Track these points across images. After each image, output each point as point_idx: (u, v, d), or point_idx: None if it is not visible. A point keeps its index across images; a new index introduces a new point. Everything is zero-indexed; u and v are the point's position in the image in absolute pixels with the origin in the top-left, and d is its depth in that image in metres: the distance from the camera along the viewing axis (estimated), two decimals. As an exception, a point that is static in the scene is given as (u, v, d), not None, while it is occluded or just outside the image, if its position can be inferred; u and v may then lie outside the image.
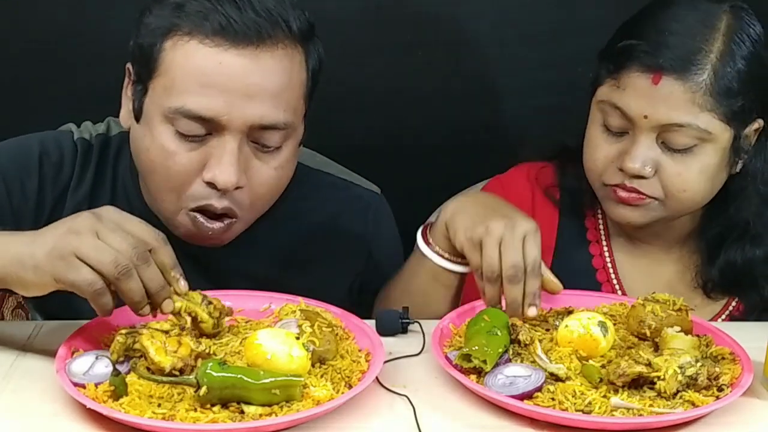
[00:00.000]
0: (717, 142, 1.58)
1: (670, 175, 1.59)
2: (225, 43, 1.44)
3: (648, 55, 1.56)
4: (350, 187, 1.76)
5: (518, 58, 2.17)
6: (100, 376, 1.28)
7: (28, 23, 2.08)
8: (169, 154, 1.47)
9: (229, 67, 1.44)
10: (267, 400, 1.23)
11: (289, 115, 1.49)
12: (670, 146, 1.58)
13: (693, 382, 1.31)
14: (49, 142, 1.61)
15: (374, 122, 2.18)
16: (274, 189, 1.55)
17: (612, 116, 1.60)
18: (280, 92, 1.47)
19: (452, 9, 2.14)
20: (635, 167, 1.58)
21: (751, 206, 1.67)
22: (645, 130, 1.57)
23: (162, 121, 1.47)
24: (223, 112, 1.44)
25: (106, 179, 1.63)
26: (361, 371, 1.33)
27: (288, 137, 1.52)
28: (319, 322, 1.39)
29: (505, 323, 1.42)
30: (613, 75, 1.60)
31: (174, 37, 1.46)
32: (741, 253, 1.67)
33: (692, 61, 1.55)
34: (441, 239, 1.56)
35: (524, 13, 2.17)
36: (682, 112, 1.55)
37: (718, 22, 1.57)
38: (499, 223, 1.46)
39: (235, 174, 1.46)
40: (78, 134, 1.64)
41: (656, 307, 1.46)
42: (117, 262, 1.26)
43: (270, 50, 1.45)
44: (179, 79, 1.45)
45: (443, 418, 1.29)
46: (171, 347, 1.30)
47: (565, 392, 1.30)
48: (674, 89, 1.55)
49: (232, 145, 1.46)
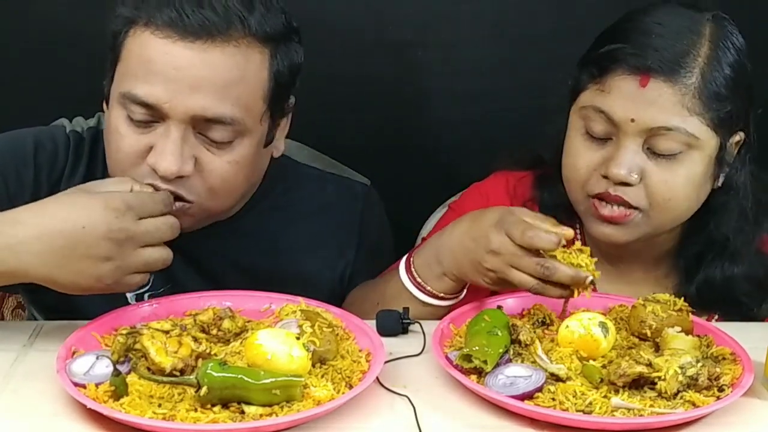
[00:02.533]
0: (703, 149, 1.54)
1: (656, 183, 1.54)
2: (174, 35, 1.47)
3: (635, 56, 1.52)
4: (338, 179, 1.77)
5: (518, 58, 2.17)
6: (101, 376, 1.28)
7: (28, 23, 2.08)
8: (120, 136, 1.51)
9: (175, 58, 1.47)
10: (267, 400, 1.23)
11: (238, 111, 1.50)
12: (656, 152, 1.53)
13: (694, 383, 1.31)
14: (43, 134, 1.65)
15: (374, 122, 2.18)
16: (232, 181, 1.55)
17: (595, 122, 1.55)
18: (228, 87, 1.48)
19: (452, 9, 2.14)
20: (621, 173, 1.53)
21: (731, 222, 1.63)
22: (631, 134, 1.53)
23: (116, 105, 1.52)
24: (165, 100, 1.47)
25: (97, 170, 1.65)
26: (362, 371, 1.33)
27: (239, 134, 1.52)
28: (320, 322, 1.39)
29: (505, 323, 1.42)
30: (597, 79, 1.55)
31: (134, 27, 1.50)
32: (720, 270, 1.63)
33: (680, 63, 1.52)
34: (439, 286, 1.55)
35: (524, 14, 2.17)
36: (671, 115, 1.51)
37: (702, 28, 1.55)
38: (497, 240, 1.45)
39: (175, 162, 1.48)
40: (70, 127, 1.67)
41: (657, 307, 1.46)
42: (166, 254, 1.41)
43: (220, 46, 1.47)
44: (131, 66, 1.50)
45: (444, 419, 1.29)
46: (171, 347, 1.30)
47: (566, 392, 1.30)
48: (663, 91, 1.51)
49: (175, 135, 1.48)
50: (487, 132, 2.20)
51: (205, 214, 1.56)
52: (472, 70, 2.18)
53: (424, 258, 1.57)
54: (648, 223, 1.58)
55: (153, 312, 1.46)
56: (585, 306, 1.53)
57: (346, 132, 2.12)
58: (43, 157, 1.62)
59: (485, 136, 2.20)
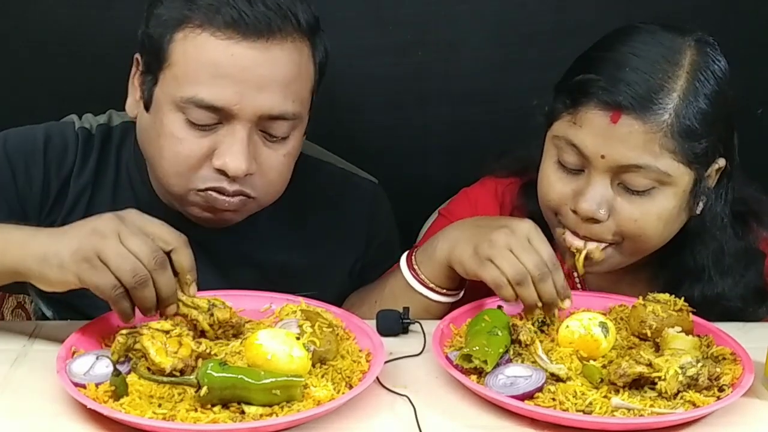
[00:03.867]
0: (677, 185, 1.51)
1: (626, 219, 1.51)
2: (236, 35, 1.47)
3: (606, 91, 1.47)
4: (348, 175, 1.79)
5: (518, 58, 2.17)
6: (101, 377, 1.28)
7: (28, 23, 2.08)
8: (178, 141, 1.51)
9: (241, 59, 1.47)
10: (268, 400, 1.23)
11: (297, 105, 1.53)
12: (627, 187, 1.50)
13: (694, 383, 1.31)
14: (52, 130, 1.65)
15: (374, 122, 2.18)
16: (285, 174, 1.58)
17: (568, 153, 1.52)
18: (289, 83, 1.51)
19: (452, 9, 2.14)
20: (590, 209, 1.49)
21: (708, 252, 1.60)
22: (601, 170, 1.49)
23: (173, 110, 1.50)
24: (234, 102, 1.48)
25: (108, 167, 1.66)
26: (362, 371, 1.33)
27: (295, 127, 1.55)
28: (320, 322, 1.39)
29: (505, 323, 1.42)
30: (570, 110, 1.51)
31: (185, 29, 1.49)
32: (700, 292, 1.59)
33: (653, 100, 1.46)
34: (438, 277, 1.56)
35: (524, 13, 2.16)
36: (641, 153, 1.47)
37: (681, 57, 1.49)
38: (499, 233, 1.46)
39: (245, 162, 1.49)
40: (79, 124, 1.67)
41: (657, 307, 1.46)
42: (135, 272, 1.30)
43: (280, 43, 1.49)
44: (191, 69, 1.49)
45: (444, 419, 1.29)
46: (171, 348, 1.31)
47: (566, 392, 1.30)
48: (633, 129, 1.46)
49: (242, 134, 1.49)
50: (487, 132, 2.19)
51: (259, 207, 1.59)
52: (472, 70, 2.17)
53: (424, 246, 1.58)
54: (621, 254, 1.56)
55: (152, 314, 1.46)
56: (585, 306, 1.53)
57: (345, 132, 2.11)
58: (53, 154, 1.62)
59: (485, 137, 2.20)
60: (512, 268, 1.43)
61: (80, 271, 1.30)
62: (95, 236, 1.31)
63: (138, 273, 1.30)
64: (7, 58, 2.09)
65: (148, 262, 1.30)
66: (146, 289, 1.31)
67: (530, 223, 1.48)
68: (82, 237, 1.32)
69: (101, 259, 1.30)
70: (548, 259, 1.45)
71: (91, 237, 1.31)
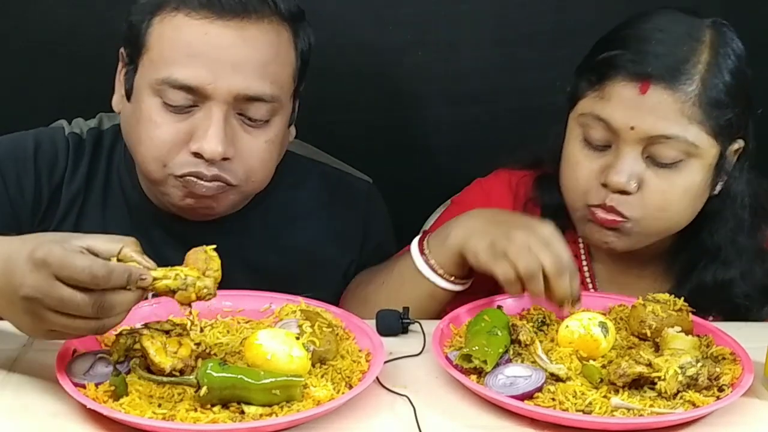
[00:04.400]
0: (703, 158, 1.53)
1: (653, 192, 1.53)
2: (211, 15, 1.47)
3: (635, 63, 1.51)
4: (342, 176, 1.78)
5: (518, 58, 2.17)
6: (101, 376, 1.28)
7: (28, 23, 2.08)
8: (155, 125, 1.50)
9: (215, 38, 1.47)
10: (267, 400, 1.23)
11: (276, 88, 1.52)
12: (656, 160, 1.52)
13: (693, 383, 1.31)
14: (42, 137, 1.64)
15: (374, 122, 2.18)
16: (267, 162, 1.56)
17: (594, 129, 1.54)
18: (266, 64, 1.50)
19: (452, 9, 2.14)
20: (621, 181, 1.52)
21: (726, 230, 1.62)
22: (630, 142, 1.51)
23: (149, 94, 1.50)
24: (209, 81, 1.47)
25: (99, 172, 1.65)
26: (362, 371, 1.33)
27: (275, 112, 1.54)
28: (320, 322, 1.39)
29: (505, 323, 1.42)
30: (596, 86, 1.54)
31: (162, 12, 1.50)
32: (712, 276, 1.63)
33: (681, 70, 1.50)
34: (448, 263, 1.55)
35: (524, 13, 2.17)
36: (671, 123, 1.50)
37: (702, 35, 1.54)
38: (520, 232, 1.46)
39: (221, 144, 1.48)
40: (69, 129, 1.67)
41: (657, 307, 1.46)
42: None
43: (256, 23, 1.49)
44: (166, 51, 1.49)
45: (443, 419, 1.29)
46: (171, 348, 1.30)
47: (566, 392, 1.30)
48: (663, 99, 1.49)
49: (218, 116, 1.48)
50: (487, 132, 2.20)
51: (242, 197, 1.57)
52: (472, 70, 2.18)
53: (438, 236, 1.57)
54: (640, 232, 1.57)
55: (153, 312, 1.46)
56: (585, 306, 1.53)
57: (345, 132, 2.11)
58: (43, 161, 1.62)
59: (485, 137, 2.20)
60: (526, 263, 1.44)
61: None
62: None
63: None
64: (7, 58, 2.09)
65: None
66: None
67: (552, 226, 1.49)
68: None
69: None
70: (567, 261, 1.45)
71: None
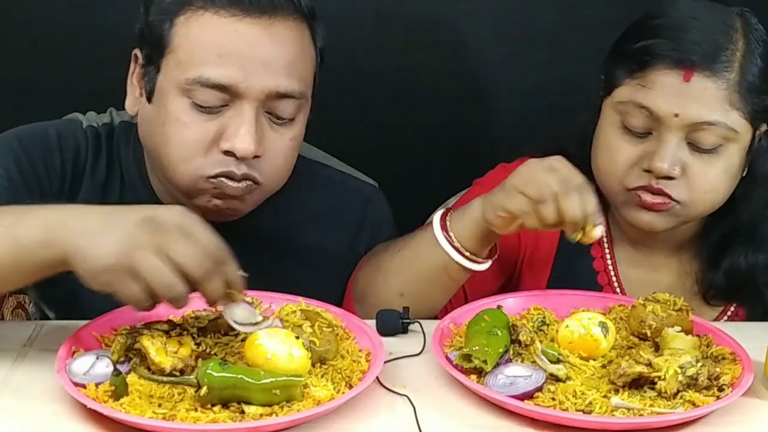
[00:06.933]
0: (740, 141, 1.56)
1: (697, 176, 1.55)
2: (239, 13, 1.47)
3: (677, 51, 1.53)
4: (348, 179, 1.78)
5: (518, 58, 2.17)
6: (101, 376, 1.28)
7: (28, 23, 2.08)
8: (184, 125, 1.49)
9: (246, 36, 1.47)
10: (267, 400, 1.23)
11: (303, 85, 1.53)
12: (697, 146, 1.55)
13: (693, 382, 1.31)
14: (63, 128, 1.63)
15: (374, 122, 2.18)
16: (290, 160, 1.57)
17: (635, 117, 1.56)
18: (294, 61, 1.51)
19: (452, 9, 2.14)
20: (665, 167, 1.54)
21: (758, 208, 1.65)
22: (674, 129, 1.54)
23: (177, 95, 1.49)
24: (241, 79, 1.47)
25: (116, 166, 1.65)
26: (362, 371, 1.33)
27: (301, 109, 1.55)
28: (320, 322, 1.39)
29: (505, 323, 1.42)
30: (636, 74, 1.56)
31: (187, 11, 1.49)
32: (745, 258, 1.65)
33: (721, 57, 1.53)
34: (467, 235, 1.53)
35: (524, 13, 2.17)
36: (714, 110, 1.53)
37: (734, 21, 1.57)
38: (527, 164, 1.47)
39: (253, 142, 1.48)
40: (86, 122, 1.66)
41: (657, 307, 1.46)
42: (170, 288, 1.24)
43: (282, 21, 1.49)
44: (196, 50, 1.48)
45: (443, 418, 1.29)
46: (171, 348, 1.31)
47: (566, 392, 1.30)
48: (706, 86, 1.52)
49: (249, 114, 1.48)
50: (487, 132, 2.20)
51: (264, 197, 1.57)
52: (472, 70, 2.18)
53: (460, 209, 1.56)
54: (685, 213, 1.59)
55: (153, 312, 1.46)
56: (585, 306, 1.53)
57: (345, 132, 2.11)
58: (67, 151, 1.61)
59: (485, 137, 2.20)
60: (536, 188, 1.43)
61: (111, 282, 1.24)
62: (135, 251, 1.23)
63: (173, 290, 1.24)
64: (7, 58, 2.10)
65: (194, 271, 1.24)
66: (181, 302, 1.26)
67: (560, 157, 1.48)
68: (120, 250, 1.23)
69: (136, 275, 1.23)
70: (576, 182, 1.43)
71: (130, 252, 1.23)
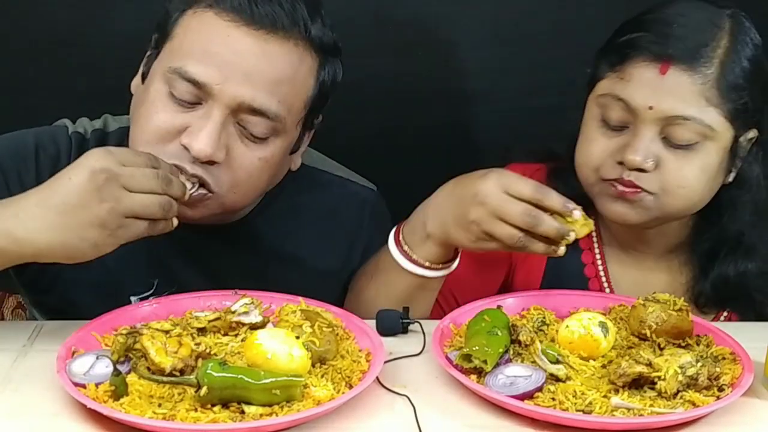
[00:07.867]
0: (719, 141, 1.55)
1: (671, 170, 1.55)
2: (239, 20, 1.47)
3: (656, 44, 1.54)
4: (346, 184, 1.77)
5: (517, 59, 2.17)
6: (101, 376, 1.28)
7: (28, 23, 2.08)
8: (155, 110, 1.50)
9: (236, 42, 1.47)
10: (267, 400, 1.23)
11: (282, 108, 1.50)
12: (672, 142, 1.54)
13: (693, 382, 1.31)
14: (44, 135, 1.63)
15: (374, 122, 2.18)
16: (255, 179, 1.54)
17: (613, 109, 1.57)
18: (279, 82, 1.49)
19: (451, 10, 2.14)
20: (637, 160, 1.53)
21: (745, 217, 1.64)
22: (648, 122, 1.54)
23: (160, 80, 1.50)
24: (217, 81, 1.47)
25: None
26: (362, 371, 1.33)
27: (276, 132, 1.52)
28: (320, 322, 1.39)
29: (505, 323, 1.42)
30: (617, 67, 1.57)
31: (196, 7, 1.50)
32: (734, 267, 1.64)
33: (701, 53, 1.53)
34: (434, 255, 1.55)
35: (523, 14, 2.17)
36: (689, 105, 1.53)
37: (723, 22, 1.56)
38: (475, 210, 1.46)
39: (210, 145, 1.47)
40: (73, 128, 1.65)
41: (657, 307, 1.46)
42: (161, 204, 1.35)
43: (281, 41, 1.49)
44: (186, 43, 1.49)
45: (443, 418, 1.29)
46: (171, 348, 1.30)
47: (566, 392, 1.30)
48: (682, 80, 1.52)
49: (216, 118, 1.47)
50: (487, 132, 2.20)
51: (220, 209, 1.55)
52: (472, 70, 2.18)
53: (411, 225, 1.57)
54: (658, 207, 1.58)
55: (153, 312, 1.46)
56: (585, 306, 1.53)
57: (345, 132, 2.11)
58: (45, 159, 1.60)
59: (485, 137, 2.20)
60: (506, 235, 1.44)
61: (119, 238, 1.34)
62: (110, 203, 1.31)
63: (163, 204, 1.35)
64: (7, 58, 2.10)
65: (162, 188, 1.35)
66: (171, 211, 1.37)
67: (494, 177, 1.48)
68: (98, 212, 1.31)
69: (130, 217, 1.33)
70: (531, 193, 1.44)
71: (108, 208, 1.31)
